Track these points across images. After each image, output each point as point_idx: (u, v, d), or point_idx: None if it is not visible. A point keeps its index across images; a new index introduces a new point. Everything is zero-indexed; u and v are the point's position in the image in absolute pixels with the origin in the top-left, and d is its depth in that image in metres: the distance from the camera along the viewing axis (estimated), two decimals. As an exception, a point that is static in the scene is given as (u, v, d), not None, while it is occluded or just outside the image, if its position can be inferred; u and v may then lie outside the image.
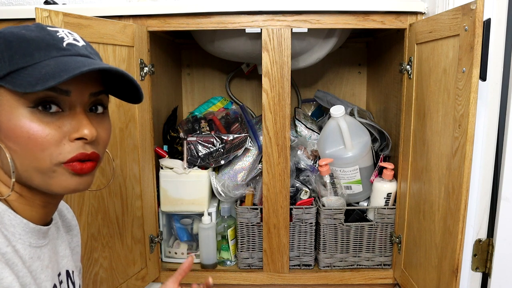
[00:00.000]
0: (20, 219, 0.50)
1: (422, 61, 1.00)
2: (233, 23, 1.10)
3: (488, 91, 0.95)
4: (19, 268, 0.47)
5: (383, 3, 1.06)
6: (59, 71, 0.44)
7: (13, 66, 0.45)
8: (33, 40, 0.47)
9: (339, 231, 1.23)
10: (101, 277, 1.04)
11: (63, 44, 0.48)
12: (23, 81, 0.44)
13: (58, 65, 0.46)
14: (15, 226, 0.49)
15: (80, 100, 0.49)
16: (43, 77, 0.44)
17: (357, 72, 1.63)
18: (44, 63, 0.46)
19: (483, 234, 1.01)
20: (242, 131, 1.29)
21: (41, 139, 0.46)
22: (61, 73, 0.44)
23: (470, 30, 0.77)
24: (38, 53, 0.46)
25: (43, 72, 0.44)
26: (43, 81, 0.43)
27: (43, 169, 0.47)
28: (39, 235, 0.53)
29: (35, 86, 0.43)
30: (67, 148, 0.47)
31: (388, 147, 1.30)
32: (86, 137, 0.48)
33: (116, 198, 1.06)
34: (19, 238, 0.49)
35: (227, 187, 1.26)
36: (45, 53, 0.47)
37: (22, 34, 0.47)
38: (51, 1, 1.26)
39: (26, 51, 0.46)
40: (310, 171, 1.29)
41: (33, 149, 0.46)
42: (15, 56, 0.45)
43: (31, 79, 0.44)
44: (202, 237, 1.26)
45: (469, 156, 0.80)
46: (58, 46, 0.48)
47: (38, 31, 0.48)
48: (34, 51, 0.46)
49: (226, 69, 1.63)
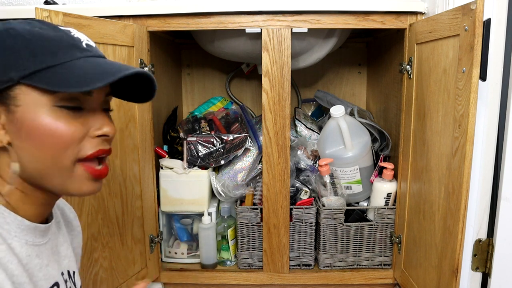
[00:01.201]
0: (14, 216, 0.49)
1: (422, 61, 1.00)
2: (233, 23, 1.10)
3: (488, 91, 0.95)
4: (14, 266, 0.47)
5: (383, 3, 1.06)
6: (100, 73, 0.46)
7: (37, 65, 0.46)
8: (53, 39, 0.48)
9: (339, 231, 1.23)
10: (101, 277, 1.04)
11: (83, 45, 0.50)
12: (58, 80, 0.45)
13: (93, 66, 0.48)
14: (10, 223, 0.49)
15: (99, 100, 0.51)
16: (84, 78, 0.45)
17: (357, 72, 1.63)
18: (73, 63, 0.47)
19: (483, 234, 1.01)
20: (242, 131, 1.29)
21: (66, 136, 0.47)
22: (104, 75, 0.46)
23: (470, 30, 0.77)
24: (61, 53, 0.47)
25: (81, 73, 0.46)
26: (86, 82, 0.45)
27: (64, 168, 0.48)
28: (36, 233, 0.52)
29: (77, 87, 0.45)
30: (87, 144, 0.49)
31: (388, 147, 1.30)
32: (109, 134, 0.50)
33: (116, 198, 1.06)
34: (15, 236, 0.49)
35: (227, 187, 1.26)
36: (70, 53, 0.48)
37: (38, 32, 0.47)
38: (51, 1, 1.26)
39: (49, 50, 0.47)
40: (310, 171, 1.29)
41: (56, 146, 0.47)
42: (37, 54, 0.46)
43: (69, 79, 0.45)
44: (202, 237, 1.26)
45: (469, 156, 0.80)
46: (79, 46, 0.49)
47: (51, 29, 0.49)
48: (57, 50, 0.47)
49: (226, 69, 1.63)
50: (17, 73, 0.45)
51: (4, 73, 0.45)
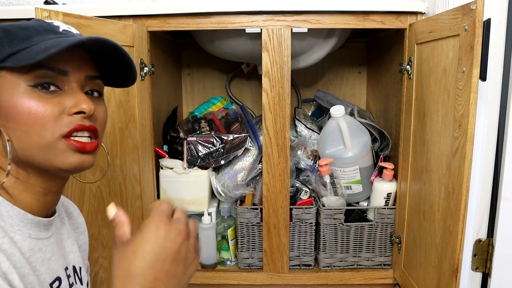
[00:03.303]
0: (17, 210, 0.50)
1: (422, 61, 1.00)
2: (233, 23, 1.09)
3: (488, 91, 0.95)
4: (17, 259, 0.47)
5: (383, 3, 1.06)
6: (57, 43, 0.47)
7: (12, 48, 0.48)
8: (31, 26, 0.50)
9: (339, 231, 1.23)
10: (101, 277, 1.04)
11: (59, 30, 0.52)
12: (23, 58, 0.47)
13: (56, 41, 0.49)
14: (13, 217, 0.50)
15: (77, 81, 0.51)
16: (43, 50, 0.46)
17: (357, 72, 1.63)
18: (42, 43, 0.49)
19: (483, 234, 1.01)
20: (242, 131, 1.29)
21: (41, 114, 0.48)
22: (61, 44, 0.46)
23: (470, 30, 0.77)
24: (36, 37, 0.49)
25: (42, 47, 0.47)
26: (44, 51, 0.46)
27: (45, 145, 0.49)
28: (39, 227, 0.53)
29: (35, 57, 0.46)
30: (65, 121, 0.50)
31: (388, 147, 1.30)
32: (85, 110, 0.50)
33: (116, 198, 1.06)
34: (18, 230, 0.49)
35: (227, 187, 1.26)
36: (43, 36, 0.50)
37: (19, 23, 0.51)
38: (51, 1, 1.26)
39: (25, 35, 0.49)
40: (310, 171, 1.29)
41: (34, 125, 0.48)
42: (14, 41, 0.48)
43: (32, 54, 0.47)
44: (202, 237, 1.25)
45: (469, 156, 0.80)
46: (55, 30, 0.51)
47: (35, 21, 0.53)
48: (33, 35, 0.49)
49: (226, 69, 1.63)
50: None
51: None
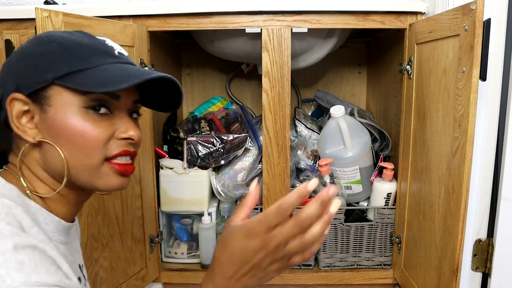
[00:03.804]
0: (53, 217, 0.52)
1: (422, 61, 1.00)
2: (233, 23, 1.09)
3: (488, 91, 0.95)
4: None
5: (383, 3, 1.06)
6: (125, 76, 0.49)
7: (71, 67, 0.49)
8: (88, 45, 0.51)
9: (339, 231, 1.23)
10: (101, 277, 1.04)
11: (115, 52, 0.53)
12: (87, 82, 0.48)
13: (120, 70, 0.50)
14: (48, 224, 0.51)
15: (126, 105, 0.54)
16: (110, 80, 0.48)
17: (357, 72, 1.63)
18: (104, 67, 0.50)
19: (483, 234, 1.01)
20: (242, 131, 1.29)
21: (93, 137, 0.50)
22: (129, 78, 0.49)
23: (470, 30, 0.77)
24: (94, 58, 0.50)
25: (108, 75, 0.49)
26: (112, 83, 0.48)
27: (92, 166, 0.51)
28: (67, 232, 0.55)
29: (104, 87, 0.47)
30: (113, 145, 0.52)
31: (388, 147, 1.30)
32: (133, 137, 0.53)
33: (116, 198, 1.06)
34: (52, 236, 0.51)
35: (227, 187, 1.26)
36: (102, 59, 0.51)
37: (74, 39, 0.51)
38: (51, 1, 1.26)
39: (83, 55, 0.50)
40: (310, 171, 1.29)
41: (84, 146, 0.50)
42: (72, 58, 0.49)
43: (97, 80, 0.48)
44: (202, 237, 1.25)
45: (469, 156, 0.80)
46: (112, 53, 0.52)
47: (87, 38, 0.52)
48: (90, 56, 0.50)
49: (226, 69, 1.63)
50: (52, 75, 0.48)
51: (41, 75, 0.49)
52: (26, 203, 0.49)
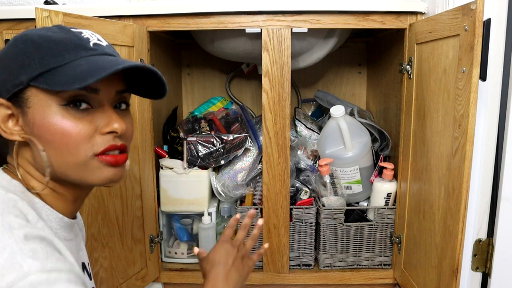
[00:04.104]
0: (56, 214, 0.52)
1: (422, 61, 1.00)
2: (233, 23, 1.09)
3: (488, 91, 0.95)
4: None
5: (383, 3, 1.06)
6: (94, 69, 0.47)
7: (44, 67, 0.48)
8: (61, 41, 0.49)
9: (339, 231, 1.23)
10: (101, 277, 1.04)
11: (90, 44, 0.51)
12: (58, 80, 0.47)
13: (91, 63, 0.48)
14: (52, 220, 0.52)
15: (107, 97, 0.52)
16: (79, 76, 0.46)
17: (357, 72, 1.63)
18: (75, 62, 0.48)
19: (483, 234, 1.01)
20: (242, 131, 1.29)
21: (74, 134, 0.49)
22: (98, 71, 0.46)
23: (470, 30, 0.77)
24: (68, 54, 0.49)
25: (78, 71, 0.47)
26: (81, 79, 0.46)
27: (79, 163, 0.50)
28: (70, 229, 0.55)
29: (72, 84, 0.46)
30: (98, 140, 0.50)
31: (388, 147, 1.30)
32: (117, 130, 0.51)
33: (116, 198, 1.06)
34: (56, 233, 0.51)
35: (227, 187, 1.26)
36: (75, 53, 0.49)
37: (48, 36, 0.49)
38: (51, 1, 1.26)
39: (56, 52, 0.48)
40: (310, 171, 1.29)
41: (67, 144, 0.49)
42: (45, 57, 0.48)
43: (67, 78, 0.47)
44: (202, 237, 1.25)
45: (469, 156, 0.80)
46: (86, 46, 0.51)
47: (63, 32, 0.51)
48: (64, 52, 0.49)
49: (226, 69, 1.63)
50: (26, 76, 0.48)
51: (17, 77, 0.48)
52: (30, 199, 0.50)
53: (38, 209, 0.50)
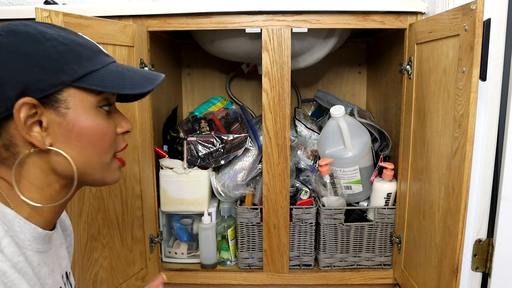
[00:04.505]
0: (29, 225, 0.50)
1: (422, 61, 1.00)
2: (233, 23, 1.09)
3: (488, 91, 0.95)
4: (30, 277, 0.47)
5: (383, 3, 1.06)
6: (141, 78, 0.52)
7: (84, 68, 0.48)
8: (85, 45, 0.51)
9: (339, 231, 1.23)
10: (101, 277, 1.04)
11: (104, 50, 0.54)
12: (110, 83, 0.49)
13: (130, 71, 0.52)
14: (25, 232, 0.49)
15: (114, 99, 0.55)
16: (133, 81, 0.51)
17: (357, 72, 1.63)
18: (110, 67, 0.51)
19: (483, 234, 1.01)
20: (242, 131, 1.29)
21: (110, 134, 0.52)
22: (148, 80, 0.52)
23: (470, 30, 0.77)
24: (97, 58, 0.51)
25: (127, 77, 0.51)
26: (138, 85, 0.51)
27: (107, 163, 0.53)
28: (45, 240, 0.53)
29: (133, 89, 0.50)
30: (118, 140, 0.54)
31: (388, 147, 1.30)
32: (130, 129, 0.55)
33: (116, 198, 1.06)
34: (29, 245, 0.49)
35: (227, 187, 1.26)
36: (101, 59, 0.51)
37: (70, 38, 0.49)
38: (51, 1, 1.26)
39: (86, 55, 0.50)
40: (310, 171, 1.29)
41: (104, 144, 0.51)
42: (80, 59, 0.48)
43: (121, 82, 0.50)
44: (202, 237, 1.26)
45: (469, 156, 0.80)
46: (103, 52, 0.53)
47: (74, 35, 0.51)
48: (93, 56, 0.50)
49: (226, 69, 1.63)
50: (69, 77, 0.47)
51: (55, 77, 0.47)
52: (2, 210, 0.47)
53: (10, 220, 0.48)
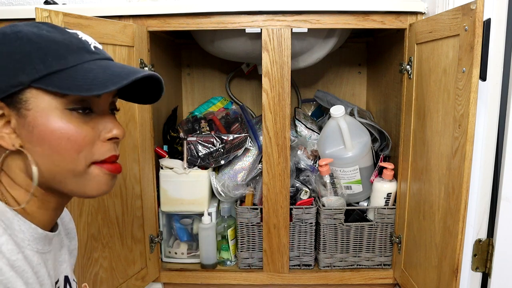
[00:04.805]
0: (29, 225, 0.49)
1: (422, 61, 1.00)
2: (233, 23, 1.09)
3: (488, 91, 0.95)
4: (29, 275, 0.47)
5: (383, 3, 1.06)
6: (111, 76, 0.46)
7: (48, 68, 0.45)
8: (62, 42, 0.47)
9: (339, 231, 1.23)
10: (101, 277, 1.04)
11: (91, 47, 0.50)
12: (71, 83, 0.45)
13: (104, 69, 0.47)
14: (24, 232, 0.48)
15: (106, 102, 0.51)
16: (96, 81, 0.45)
17: (357, 72, 1.63)
18: (84, 66, 0.47)
19: (483, 234, 1.01)
20: (242, 131, 1.29)
21: (80, 140, 0.47)
22: (116, 79, 0.46)
23: (470, 30, 0.77)
24: (71, 56, 0.47)
25: (91, 76, 0.46)
26: (100, 85, 0.45)
27: (79, 171, 0.48)
28: (46, 241, 0.52)
29: (90, 90, 0.44)
30: (100, 148, 0.49)
31: (388, 147, 1.30)
32: (119, 136, 0.50)
33: (116, 198, 1.06)
34: (28, 244, 0.49)
35: (227, 187, 1.26)
36: (79, 56, 0.47)
37: (46, 35, 0.47)
38: (51, 1, 1.26)
39: (58, 53, 0.46)
40: (310, 171, 1.29)
41: (70, 150, 0.47)
42: (47, 58, 0.45)
43: (81, 82, 0.45)
44: (202, 237, 1.26)
45: (469, 156, 0.80)
46: (88, 49, 0.49)
47: (59, 32, 0.48)
48: (67, 54, 0.47)
49: (226, 69, 1.63)
50: (28, 77, 0.45)
51: (14, 77, 0.45)
52: (2, 209, 0.47)
53: (9, 218, 0.47)
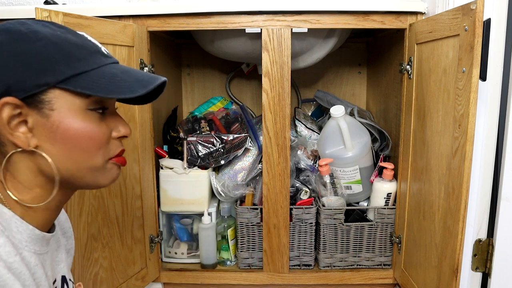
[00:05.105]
0: (26, 226, 0.49)
1: (422, 61, 1.00)
2: (233, 23, 1.10)
3: (488, 91, 0.95)
4: (26, 277, 0.47)
5: (383, 3, 1.06)
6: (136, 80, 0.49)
7: (73, 70, 0.47)
8: (80, 44, 0.49)
9: (339, 231, 1.23)
10: (101, 277, 1.04)
11: (103, 51, 0.52)
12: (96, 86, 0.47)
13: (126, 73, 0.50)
14: (22, 233, 0.49)
15: (114, 102, 0.54)
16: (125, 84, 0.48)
17: (357, 72, 1.63)
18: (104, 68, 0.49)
19: (483, 234, 1.01)
20: (242, 131, 1.29)
21: (99, 139, 0.50)
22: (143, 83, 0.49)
23: (470, 30, 0.77)
24: (91, 59, 0.49)
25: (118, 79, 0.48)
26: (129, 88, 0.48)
27: (97, 167, 0.51)
28: (43, 242, 0.52)
29: (121, 93, 0.47)
30: (113, 145, 0.53)
31: (388, 147, 1.30)
32: (127, 135, 0.54)
33: (116, 198, 1.06)
34: (26, 246, 0.49)
35: (227, 187, 1.26)
36: (97, 59, 0.50)
37: (63, 37, 0.48)
38: (51, 1, 1.26)
39: (80, 55, 0.48)
40: (310, 171, 1.29)
41: (92, 148, 0.50)
42: (70, 60, 0.47)
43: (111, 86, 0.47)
44: (202, 237, 1.26)
45: (469, 156, 0.80)
46: (102, 52, 0.51)
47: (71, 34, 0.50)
48: (87, 57, 0.49)
49: (226, 69, 1.63)
50: (54, 78, 0.46)
51: (39, 78, 0.45)
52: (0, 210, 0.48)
53: (7, 220, 0.47)
